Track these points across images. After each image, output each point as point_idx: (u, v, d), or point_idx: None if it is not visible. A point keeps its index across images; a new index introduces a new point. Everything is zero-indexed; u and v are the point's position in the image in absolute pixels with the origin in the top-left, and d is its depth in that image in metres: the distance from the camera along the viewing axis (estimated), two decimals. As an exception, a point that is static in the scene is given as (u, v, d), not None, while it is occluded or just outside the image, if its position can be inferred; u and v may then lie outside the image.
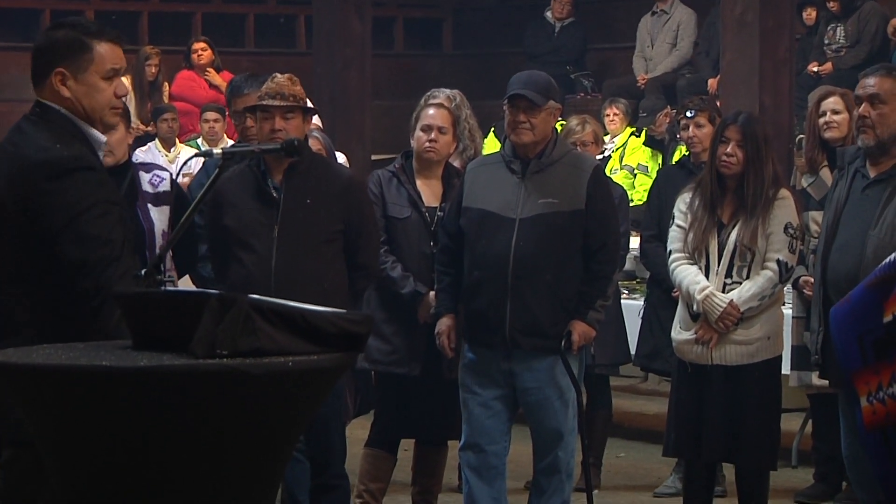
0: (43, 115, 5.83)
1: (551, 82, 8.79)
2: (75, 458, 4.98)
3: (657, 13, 17.59)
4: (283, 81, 8.14)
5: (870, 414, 5.88)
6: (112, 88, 5.87)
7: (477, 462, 8.61)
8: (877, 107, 7.65)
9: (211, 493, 4.80)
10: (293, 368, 4.81)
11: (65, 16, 19.33)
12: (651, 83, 17.35)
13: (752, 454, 8.76)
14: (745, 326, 8.55)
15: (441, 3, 20.87)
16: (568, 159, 8.60)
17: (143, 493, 4.78)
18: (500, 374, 8.49)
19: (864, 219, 7.77)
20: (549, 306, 8.39)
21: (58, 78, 5.79)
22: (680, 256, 8.81)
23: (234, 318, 4.77)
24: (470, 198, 8.55)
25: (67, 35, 5.87)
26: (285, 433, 5.03)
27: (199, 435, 4.75)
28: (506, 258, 8.37)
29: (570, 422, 8.62)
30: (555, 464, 8.58)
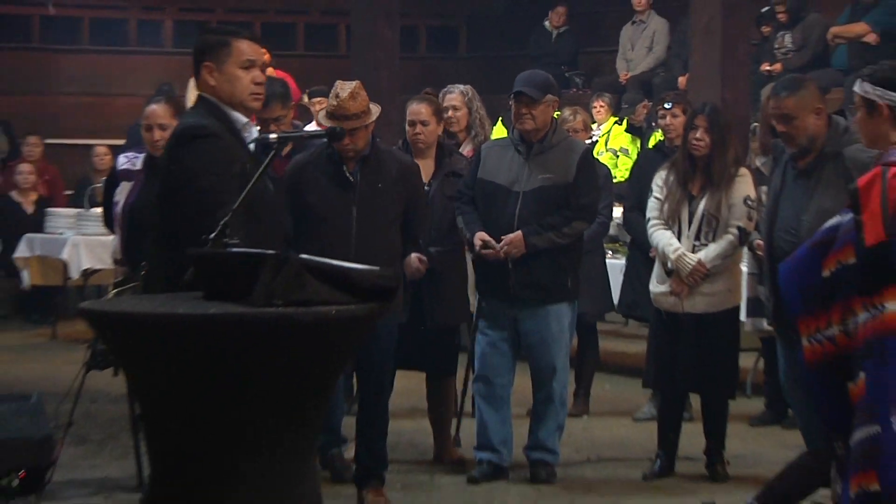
0: (198, 103, 6.05)
1: (549, 79, 8.80)
2: (156, 389, 5.00)
3: (636, 22, 17.57)
4: (346, 101, 7.94)
5: (810, 351, 5.90)
6: (250, 77, 5.96)
7: (486, 392, 8.65)
8: (789, 123, 7.73)
9: (267, 417, 4.81)
10: (335, 316, 4.81)
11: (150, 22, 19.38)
12: (631, 80, 17.33)
13: (715, 386, 8.79)
14: (710, 281, 8.59)
15: (457, 13, 20.85)
16: (564, 144, 8.64)
17: (210, 417, 4.79)
18: (506, 319, 8.54)
19: (797, 204, 7.82)
20: (545, 265, 8.42)
21: (206, 70, 5.95)
22: (657, 223, 8.85)
23: (287, 274, 4.77)
24: (483, 171, 8.59)
25: (211, 35, 6.08)
26: (328, 370, 5.03)
27: (258, 370, 4.74)
28: (510, 224, 8.39)
29: (563, 359, 8.66)
30: (551, 394, 8.60)
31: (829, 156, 7.63)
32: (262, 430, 4.79)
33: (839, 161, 7.59)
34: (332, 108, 7.95)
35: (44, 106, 18.24)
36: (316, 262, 4.90)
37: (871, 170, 6.79)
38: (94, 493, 8.28)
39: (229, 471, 4.75)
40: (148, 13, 19.73)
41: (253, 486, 4.78)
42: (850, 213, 5.85)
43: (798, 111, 7.71)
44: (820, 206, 7.58)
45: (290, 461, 4.87)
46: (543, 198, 8.40)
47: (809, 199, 7.70)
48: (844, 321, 5.78)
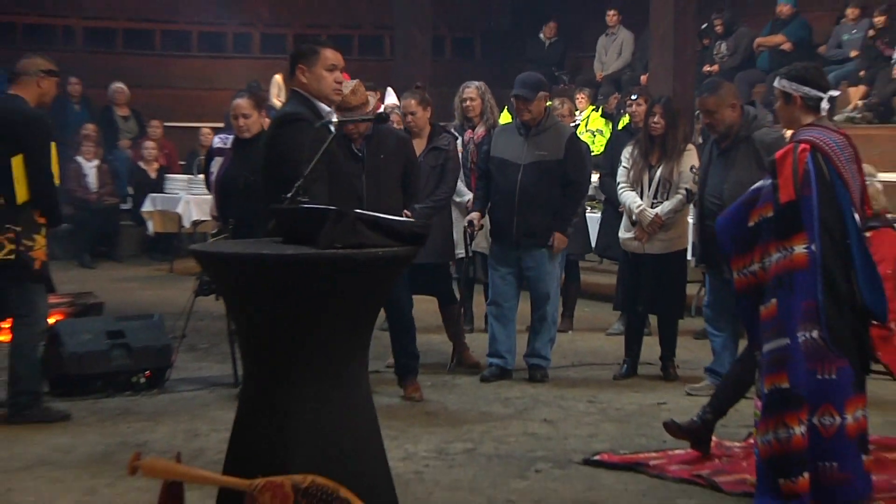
0: (293, 96, 6.11)
1: (540, 79, 8.83)
2: (246, 310, 5.00)
3: (609, 34, 17.50)
4: (348, 96, 7.62)
5: (738, 282, 5.91)
6: (332, 77, 6.00)
7: (496, 313, 8.67)
8: (711, 116, 7.94)
9: (329, 330, 4.80)
10: (382, 255, 4.80)
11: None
12: (605, 78, 17.24)
13: (668, 309, 8.81)
14: (664, 230, 8.60)
15: (474, 27, 20.79)
16: (554, 127, 8.64)
17: (286, 331, 4.78)
18: (511, 258, 8.58)
19: (719, 176, 7.97)
20: (540, 218, 8.44)
21: (299, 71, 6.00)
22: (625, 186, 8.86)
23: (345, 224, 4.76)
24: (494, 149, 8.65)
25: (305, 44, 6.11)
26: (376, 296, 5.02)
27: (323, 295, 4.74)
28: (514, 189, 8.43)
29: (555, 289, 8.67)
30: (545, 315, 8.62)
31: (742, 139, 7.98)
32: (325, 341, 4.79)
33: (750, 142, 7.94)
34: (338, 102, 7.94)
35: (163, 98, 18.25)
36: (367, 215, 4.89)
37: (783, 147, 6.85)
38: (201, 389, 8.31)
39: (301, 371, 4.75)
40: (241, 27, 19.70)
41: (318, 383, 4.77)
42: (769, 179, 5.85)
43: (717, 107, 7.93)
44: (737, 177, 7.82)
45: (348, 365, 4.87)
46: (539, 169, 8.43)
47: (728, 171, 7.97)
48: (762, 260, 5.79)
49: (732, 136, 7.94)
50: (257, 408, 4.86)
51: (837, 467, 5.65)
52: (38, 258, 7.25)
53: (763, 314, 5.72)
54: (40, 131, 7.29)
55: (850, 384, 5.70)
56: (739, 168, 7.86)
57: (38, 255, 7.26)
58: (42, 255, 7.29)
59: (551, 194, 8.48)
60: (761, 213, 5.83)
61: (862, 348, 5.77)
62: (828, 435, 5.65)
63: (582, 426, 7.37)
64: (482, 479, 6.20)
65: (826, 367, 5.65)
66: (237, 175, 8.06)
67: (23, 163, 7.18)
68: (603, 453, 6.66)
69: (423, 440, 6.96)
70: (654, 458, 6.54)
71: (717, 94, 8.03)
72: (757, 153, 7.79)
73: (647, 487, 6.10)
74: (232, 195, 8.12)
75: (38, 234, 7.26)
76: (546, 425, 7.38)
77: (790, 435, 5.61)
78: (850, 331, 5.72)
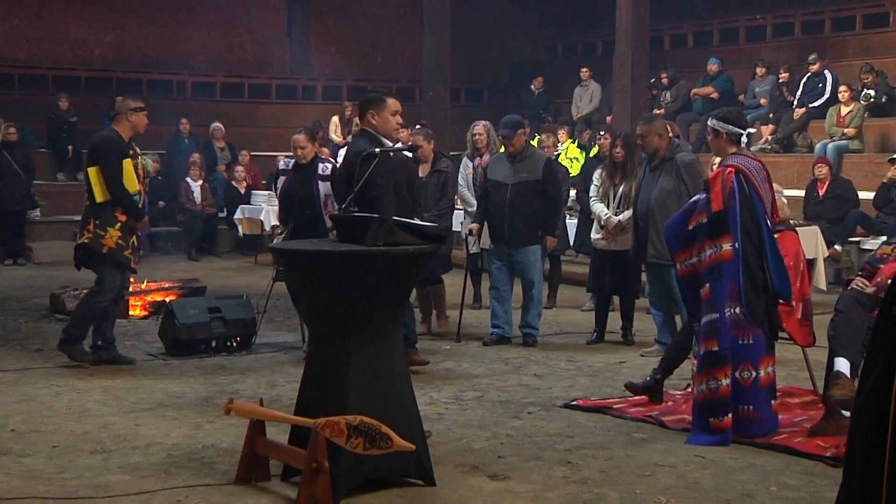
0: (362, 133, 5.86)
1: (520, 120, 8.72)
2: (310, 292, 4.97)
3: (583, 86, 17.38)
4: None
5: (680, 271, 5.91)
6: (395, 120, 5.86)
7: (496, 295, 8.57)
8: (642, 139, 7.95)
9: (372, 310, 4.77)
10: (413, 252, 4.77)
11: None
12: (580, 119, 17.11)
13: (626, 290, 8.73)
14: (624, 232, 8.51)
15: (482, 80, 20.73)
16: (533, 155, 8.55)
17: (340, 310, 4.75)
18: (504, 254, 8.48)
19: (649, 186, 7.93)
20: (524, 224, 8.37)
21: (370, 115, 5.81)
22: (595, 199, 8.79)
23: (386, 228, 4.73)
24: (490, 173, 8.56)
25: (374, 94, 5.93)
26: (408, 282, 5.00)
27: (367, 282, 4.71)
28: (504, 202, 8.37)
29: (539, 277, 8.59)
30: (532, 295, 8.54)
31: (667, 159, 7.87)
32: (369, 314, 4.76)
33: (673, 162, 7.88)
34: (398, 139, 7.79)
35: (250, 134, 18.24)
36: (402, 221, 4.86)
37: (696, 165, 7.61)
38: (277, 351, 8.29)
39: (351, 338, 4.71)
40: (308, 81, 19.68)
41: (365, 347, 4.75)
42: (704, 194, 5.85)
43: (647, 133, 7.90)
44: (661, 187, 7.90)
45: (387, 333, 4.84)
46: (523, 188, 8.35)
47: (655, 183, 7.95)
48: (699, 255, 5.80)
49: (659, 157, 7.89)
50: (319, 365, 4.84)
51: (753, 409, 5.72)
52: (107, 244, 7.40)
53: (702, 295, 5.75)
54: (109, 150, 7.44)
55: (763, 347, 5.75)
56: (664, 181, 7.84)
57: (108, 242, 7.41)
58: (111, 242, 7.41)
59: (533, 205, 8.38)
60: (698, 220, 5.83)
61: (772, 320, 5.80)
62: (746, 385, 5.70)
63: (563, 379, 7.32)
64: (488, 419, 6.16)
65: (745, 335, 5.70)
66: (295, 190, 7.92)
67: (97, 173, 7.40)
68: (579, 399, 6.62)
69: (443, 390, 6.92)
70: (617, 403, 6.50)
71: (649, 124, 8.01)
72: (678, 169, 7.80)
73: (611, 425, 6.06)
74: (292, 206, 7.95)
75: (112, 228, 7.41)
76: (536, 378, 7.34)
77: (718, 385, 5.63)
78: (763, 307, 5.75)
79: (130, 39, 18.77)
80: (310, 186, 7.84)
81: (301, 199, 7.83)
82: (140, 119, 7.55)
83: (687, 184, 7.71)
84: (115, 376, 7.24)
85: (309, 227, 7.66)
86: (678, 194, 7.68)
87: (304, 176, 7.91)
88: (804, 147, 14.40)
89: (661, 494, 4.81)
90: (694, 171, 7.80)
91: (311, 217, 7.76)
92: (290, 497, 4.68)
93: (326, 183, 7.78)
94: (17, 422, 5.99)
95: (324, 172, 7.86)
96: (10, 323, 9.41)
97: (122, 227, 7.43)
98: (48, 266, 13.57)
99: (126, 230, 7.46)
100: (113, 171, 7.37)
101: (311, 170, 7.92)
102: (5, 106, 15.92)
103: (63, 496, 4.71)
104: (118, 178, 7.38)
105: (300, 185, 7.90)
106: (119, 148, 7.44)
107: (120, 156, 7.42)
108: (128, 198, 7.44)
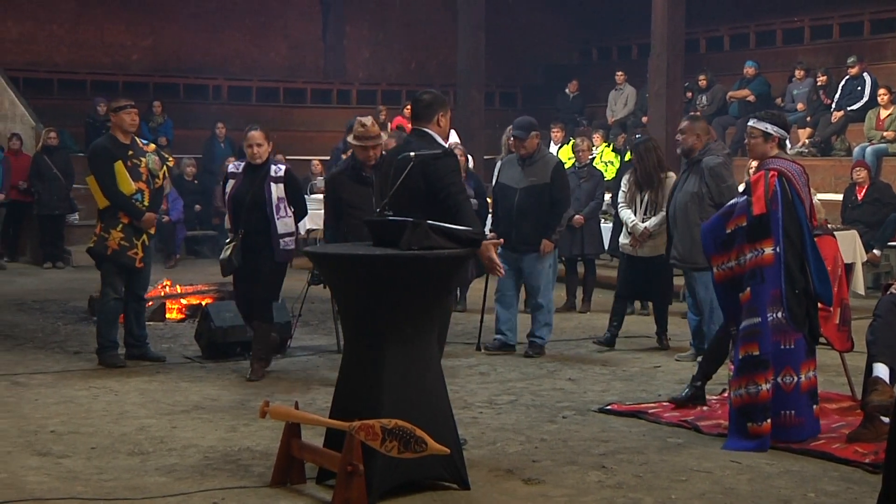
0: (420, 134, 5.43)
1: (532, 122, 8.44)
2: (346, 295, 4.98)
3: (618, 89, 17.30)
4: (370, 128, 7.38)
5: (717, 275, 5.88)
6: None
7: (502, 300, 8.42)
8: (680, 133, 7.86)
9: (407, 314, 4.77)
10: (447, 255, 4.77)
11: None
12: (615, 122, 17.06)
13: (658, 296, 8.69)
14: (651, 238, 8.45)
15: (515, 84, 20.70)
16: (544, 159, 8.38)
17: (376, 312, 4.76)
18: (513, 260, 8.24)
19: (679, 189, 7.85)
20: (531, 229, 8.21)
21: (441, 116, 5.46)
22: (623, 205, 8.74)
23: (420, 231, 4.73)
24: (500, 177, 8.45)
25: (441, 96, 5.61)
26: (443, 286, 4.98)
27: (403, 285, 4.72)
28: (512, 207, 8.23)
29: (545, 283, 8.36)
30: (538, 303, 8.33)
31: (697, 161, 7.78)
32: (404, 318, 4.76)
33: (699, 165, 7.75)
34: (360, 133, 7.37)
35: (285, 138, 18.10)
36: (436, 225, 4.84)
37: (721, 169, 7.61)
38: (312, 354, 8.32)
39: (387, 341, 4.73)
40: (343, 85, 19.76)
41: (400, 350, 4.76)
42: (744, 196, 5.84)
43: (687, 130, 7.84)
44: (685, 189, 7.79)
45: (422, 337, 4.84)
46: (531, 192, 8.18)
47: (683, 185, 7.83)
48: (738, 258, 5.77)
49: (691, 158, 7.84)
50: (354, 369, 4.86)
51: (794, 414, 5.70)
52: (110, 246, 7.64)
53: (742, 299, 5.71)
54: (97, 158, 7.70)
55: (803, 351, 5.73)
56: (689, 183, 7.80)
57: (111, 244, 7.64)
58: (114, 244, 7.65)
59: (540, 210, 8.19)
60: (737, 223, 5.81)
61: (812, 324, 5.77)
62: (788, 390, 5.67)
63: (597, 383, 7.30)
64: (522, 423, 6.15)
65: (787, 339, 5.68)
66: (245, 193, 7.31)
67: (94, 181, 7.68)
68: (613, 403, 6.60)
69: (477, 394, 6.92)
70: (652, 408, 6.47)
71: (692, 122, 7.99)
72: (702, 172, 7.73)
73: (646, 429, 6.03)
74: (241, 210, 7.34)
75: (114, 230, 7.64)
76: (570, 382, 7.32)
77: (758, 390, 5.62)
78: (804, 312, 5.72)
79: (167, 44, 18.94)
80: (261, 189, 7.29)
81: (252, 203, 7.28)
82: (122, 117, 7.72)
83: (710, 187, 7.65)
84: (152, 379, 7.30)
85: (260, 232, 7.27)
86: (700, 198, 7.65)
87: (254, 178, 7.33)
88: (842, 150, 14.27)
89: (697, 499, 4.78)
90: (718, 175, 7.70)
91: (262, 222, 7.27)
92: (325, 500, 4.69)
93: (279, 185, 7.31)
94: (56, 423, 6.05)
95: (276, 174, 7.33)
96: (50, 325, 9.51)
97: (124, 228, 7.63)
98: (86, 269, 13.62)
99: (129, 231, 7.66)
100: (104, 178, 7.63)
101: (263, 172, 7.34)
102: (44, 111, 16.12)
103: (101, 497, 4.75)
104: (111, 183, 7.62)
105: (250, 187, 7.31)
106: (107, 153, 7.66)
107: (109, 161, 7.63)
108: (123, 200, 7.64)
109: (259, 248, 7.31)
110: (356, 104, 19.33)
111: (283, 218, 7.34)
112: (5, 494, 4.76)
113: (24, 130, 15.18)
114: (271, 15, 19.74)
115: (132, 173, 7.65)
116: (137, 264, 7.70)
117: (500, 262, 5.25)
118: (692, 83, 16.15)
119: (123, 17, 18.71)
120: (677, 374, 7.27)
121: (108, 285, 7.72)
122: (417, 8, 20.53)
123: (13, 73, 16.66)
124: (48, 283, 12.61)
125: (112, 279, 7.70)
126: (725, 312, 5.99)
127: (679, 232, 7.74)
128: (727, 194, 7.60)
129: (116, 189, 7.62)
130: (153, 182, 7.75)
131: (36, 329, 9.30)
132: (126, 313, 7.85)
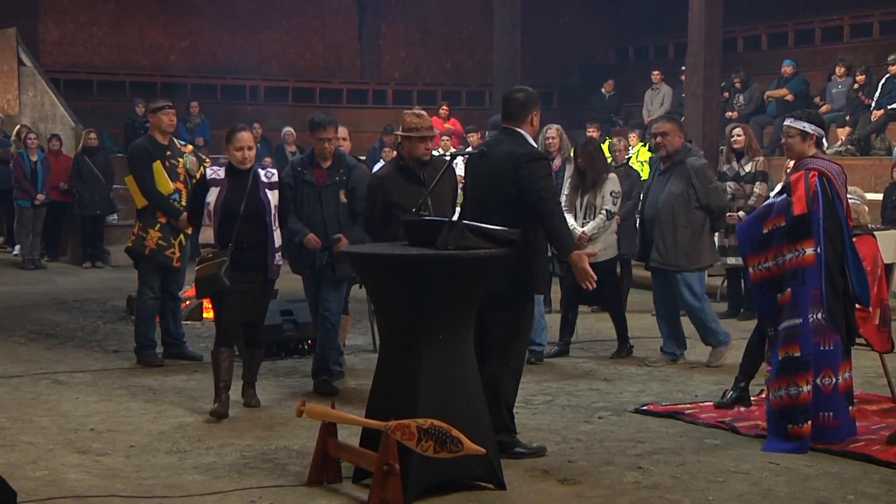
0: (510, 133, 5.29)
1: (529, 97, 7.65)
2: (383, 294, 4.99)
3: (654, 89, 17.22)
4: (426, 120, 6.54)
5: (753, 275, 5.84)
6: None
7: None
8: (664, 137, 7.65)
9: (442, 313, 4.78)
10: (483, 256, 4.77)
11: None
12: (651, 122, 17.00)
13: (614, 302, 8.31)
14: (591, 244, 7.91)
15: (552, 84, 20.61)
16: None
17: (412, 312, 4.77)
18: None
19: (658, 190, 7.71)
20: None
21: (535, 115, 5.35)
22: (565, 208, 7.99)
23: (456, 231, 4.74)
24: None
25: (535, 93, 5.47)
26: (479, 286, 4.96)
27: (439, 285, 4.72)
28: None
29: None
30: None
31: (678, 163, 7.64)
32: (440, 318, 4.77)
33: (684, 166, 7.61)
34: (415, 124, 6.44)
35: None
36: (473, 225, 4.85)
37: (706, 171, 7.57)
38: (348, 354, 8.28)
39: (423, 341, 4.73)
40: (378, 85, 19.85)
41: (436, 350, 4.76)
42: (782, 196, 5.79)
43: (671, 133, 7.64)
44: (669, 191, 7.59)
45: (458, 337, 4.84)
46: None
47: (664, 186, 7.66)
48: (776, 259, 5.73)
49: (673, 159, 7.72)
50: (391, 368, 4.86)
51: (832, 416, 5.65)
52: (148, 246, 7.73)
53: (780, 300, 5.68)
54: (136, 158, 7.81)
55: (840, 352, 5.69)
56: (673, 184, 7.64)
57: (149, 244, 7.73)
58: (152, 244, 7.73)
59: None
60: (775, 223, 5.76)
61: (849, 325, 5.72)
62: (826, 392, 5.63)
63: (633, 384, 7.26)
64: (558, 423, 6.14)
65: (827, 340, 5.64)
66: (237, 202, 6.37)
67: (133, 181, 7.80)
68: (649, 404, 6.56)
69: (513, 393, 6.89)
70: (689, 409, 6.43)
71: (674, 123, 7.89)
72: (688, 173, 7.62)
73: (683, 430, 5.99)
74: (233, 221, 6.36)
75: (152, 229, 7.72)
76: (606, 383, 7.29)
77: (799, 392, 5.58)
78: (842, 312, 5.67)
79: (204, 45, 19.10)
80: (256, 197, 6.39)
81: (247, 212, 6.36)
82: (160, 118, 7.79)
83: (696, 188, 7.55)
84: (190, 378, 7.35)
85: (256, 246, 6.41)
86: (687, 198, 7.54)
87: (243, 185, 6.39)
88: (882, 150, 14.11)
89: (734, 501, 4.75)
90: (704, 175, 7.61)
91: (261, 233, 6.41)
92: (362, 499, 4.70)
93: (274, 192, 6.48)
94: (95, 421, 6.11)
95: (269, 179, 6.49)
96: (89, 325, 9.61)
97: (161, 227, 7.72)
98: (125, 269, 13.72)
99: (167, 230, 7.74)
100: (143, 178, 7.72)
101: (251, 178, 6.43)
102: (84, 112, 16.29)
103: (140, 495, 4.80)
104: (149, 183, 7.71)
105: (242, 195, 6.36)
106: (146, 154, 7.76)
107: (148, 161, 7.73)
108: (161, 199, 7.72)
109: (254, 264, 6.42)
110: (392, 104, 19.39)
111: (276, 229, 6.50)
112: (46, 491, 4.82)
113: (64, 131, 15.33)
114: (308, 15, 19.85)
115: (170, 173, 7.73)
116: (175, 263, 7.78)
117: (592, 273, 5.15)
118: (729, 82, 16.04)
119: (162, 19, 18.89)
120: (714, 375, 7.22)
121: (145, 284, 7.80)
122: (453, 8, 20.56)
123: (54, 74, 16.86)
124: (88, 282, 12.73)
125: (149, 278, 7.78)
126: (761, 313, 5.94)
127: (662, 234, 7.58)
128: (714, 195, 7.60)
129: (155, 189, 7.71)
130: (191, 182, 7.81)
131: (76, 328, 9.40)
132: (162, 312, 7.94)
